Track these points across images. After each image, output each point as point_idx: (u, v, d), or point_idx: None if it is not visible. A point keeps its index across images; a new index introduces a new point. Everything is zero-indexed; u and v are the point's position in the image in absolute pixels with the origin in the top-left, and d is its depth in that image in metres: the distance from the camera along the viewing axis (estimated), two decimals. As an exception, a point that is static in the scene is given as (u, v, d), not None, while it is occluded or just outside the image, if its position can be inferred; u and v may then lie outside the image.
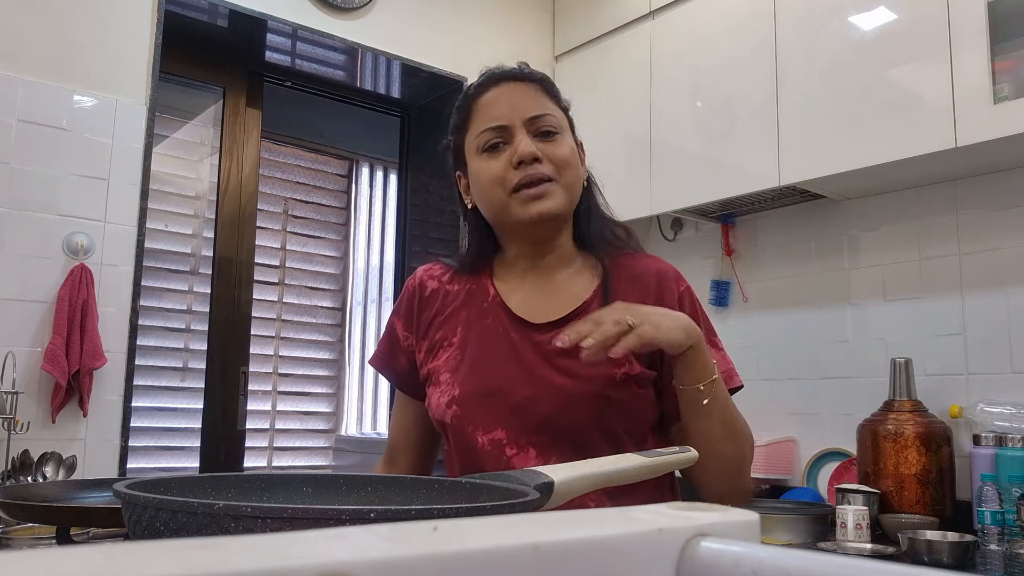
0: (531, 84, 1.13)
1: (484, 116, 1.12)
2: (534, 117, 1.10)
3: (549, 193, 1.08)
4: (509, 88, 1.12)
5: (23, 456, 1.89)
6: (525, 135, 1.09)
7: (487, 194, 1.11)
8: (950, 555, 1.70)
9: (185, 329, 2.96)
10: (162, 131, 2.80)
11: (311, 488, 0.67)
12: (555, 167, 1.09)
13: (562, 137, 1.12)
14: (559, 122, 1.13)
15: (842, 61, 2.16)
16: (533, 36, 3.08)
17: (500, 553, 0.27)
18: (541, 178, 1.07)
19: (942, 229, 2.24)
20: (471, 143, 1.13)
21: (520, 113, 1.10)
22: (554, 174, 1.08)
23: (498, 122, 1.10)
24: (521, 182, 1.07)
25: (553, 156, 1.09)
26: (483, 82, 1.14)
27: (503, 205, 1.10)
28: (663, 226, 2.91)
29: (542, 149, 1.09)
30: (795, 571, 0.28)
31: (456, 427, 1.08)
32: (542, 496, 0.62)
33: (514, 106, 1.10)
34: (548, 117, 1.11)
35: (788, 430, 2.48)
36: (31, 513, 0.81)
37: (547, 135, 1.10)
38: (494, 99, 1.12)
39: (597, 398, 1.04)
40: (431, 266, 1.24)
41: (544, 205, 1.08)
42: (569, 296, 1.13)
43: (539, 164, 1.08)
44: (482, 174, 1.11)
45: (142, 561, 0.22)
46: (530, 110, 1.10)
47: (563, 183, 1.09)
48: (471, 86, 1.16)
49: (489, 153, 1.10)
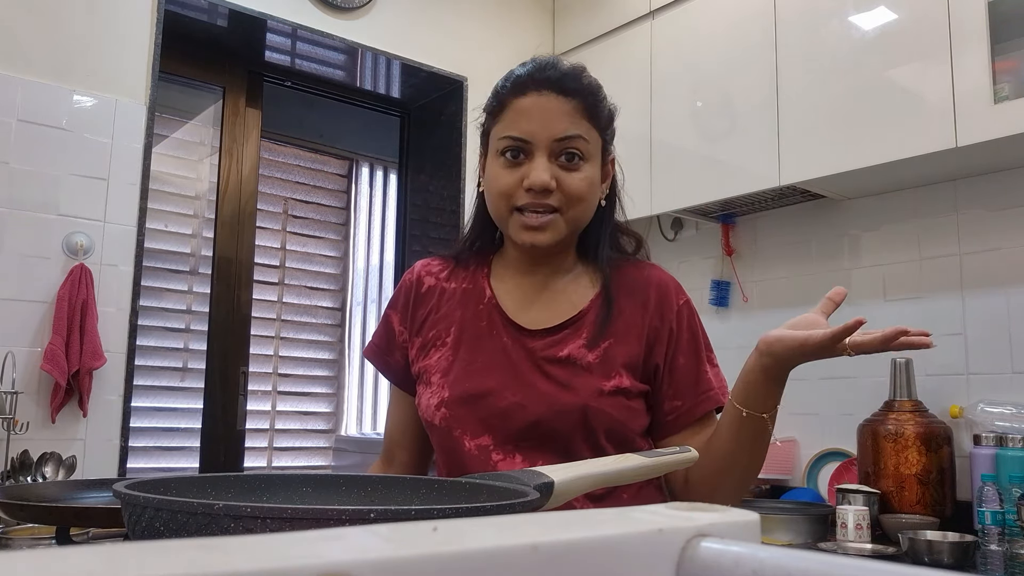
0: (572, 101, 1.06)
1: (513, 120, 1.07)
2: (562, 139, 1.05)
3: (549, 226, 1.05)
4: (547, 100, 1.06)
5: (23, 456, 1.89)
6: (545, 159, 1.05)
7: (493, 201, 1.10)
8: (950, 555, 1.70)
9: (185, 329, 2.96)
10: (162, 131, 2.80)
11: (311, 488, 0.67)
12: (565, 199, 1.06)
13: (584, 166, 1.07)
14: (588, 148, 1.07)
15: (842, 61, 2.16)
16: (533, 36, 3.08)
17: (500, 553, 0.27)
18: (545, 208, 1.05)
19: (942, 229, 2.24)
20: (495, 139, 1.10)
21: (549, 132, 1.05)
22: (561, 204, 1.06)
23: (523, 136, 1.05)
24: (526, 206, 1.06)
25: (567, 187, 1.05)
26: (525, 81, 1.08)
27: (503, 219, 1.09)
28: (663, 226, 2.91)
29: (558, 176, 1.05)
30: (795, 571, 0.28)
31: (444, 430, 1.08)
32: (542, 496, 0.62)
33: (544, 123, 1.05)
34: (578, 140, 1.06)
35: (788, 430, 2.48)
36: (31, 513, 0.81)
37: (570, 159, 1.06)
38: (528, 108, 1.06)
39: (584, 408, 1.03)
40: (429, 261, 1.23)
41: (539, 238, 1.06)
42: (566, 303, 1.12)
43: (548, 195, 1.05)
44: (493, 181, 1.09)
45: (142, 561, 0.22)
46: (560, 131, 1.05)
47: (568, 216, 1.07)
48: (515, 76, 1.10)
49: (506, 159, 1.07)
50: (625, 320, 1.10)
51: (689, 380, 1.09)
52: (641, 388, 1.08)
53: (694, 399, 1.08)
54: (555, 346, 1.08)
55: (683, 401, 1.09)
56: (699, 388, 1.08)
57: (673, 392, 1.09)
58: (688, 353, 1.10)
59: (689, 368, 1.09)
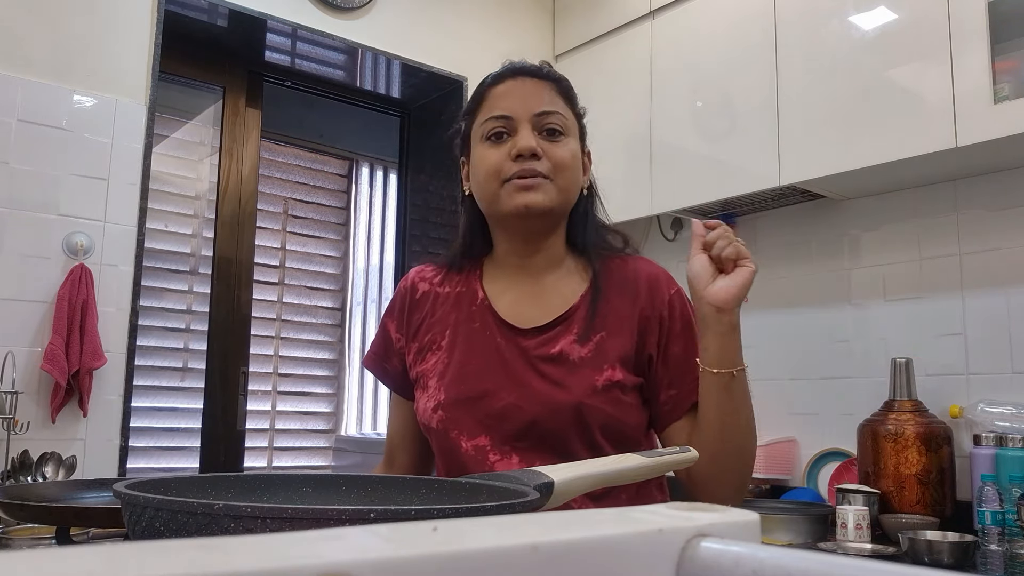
0: (547, 82, 1.13)
1: (493, 105, 1.12)
2: (541, 113, 1.10)
3: (539, 187, 1.07)
4: (523, 83, 1.12)
5: (23, 456, 1.89)
6: (529, 130, 1.09)
7: (482, 183, 1.11)
8: (950, 555, 1.70)
9: (185, 329, 2.96)
10: (162, 131, 2.80)
11: (311, 488, 0.67)
12: (553, 166, 1.08)
13: (566, 139, 1.11)
14: (567, 124, 1.12)
15: (842, 61, 2.16)
16: (533, 36, 3.08)
17: (500, 553, 0.27)
18: (535, 173, 1.07)
19: (942, 229, 2.24)
20: (477, 130, 1.13)
21: (528, 108, 1.10)
22: (550, 173, 1.08)
23: (505, 112, 1.10)
24: (516, 174, 1.07)
25: (553, 155, 1.09)
26: (501, 73, 1.15)
27: (495, 195, 1.10)
28: (663, 226, 2.91)
29: (544, 147, 1.08)
30: (795, 571, 0.28)
31: (441, 432, 1.09)
32: (542, 496, 0.62)
33: (524, 99, 1.10)
34: (556, 116, 1.11)
35: (788, 430, 2.48)
36: (31, 513, 0.81)
37: (552, 134, 1.10)
38: (506, 90, 1.12)
39: (578, 405, 1.04)
40: (423, 267, 1.24)
41: (532, 197, 1.07)
42: (557, 300, 1.13)
43: (536, 160, 1.07)
44: (481, 162, 1.11)
45: (142, 561, 0.22)
46: (539, 106, 1.10)
47: (557, 184, 1.09)
48: (490, 75, 1.16)
49: (491, 142, 1.10)
50: (616, 313, 1.10)
51: (684, 368, 1.08)
52: (635, 381, 1.08)
53: (690, 386, 1.07)
54: (547, 343, 1.09)
55: (678, 389, 1.09)
56: (694, 375, 1.07)
57: (668, 381, 1.09)
58: (681, 341, 1.10)
59: (683, 356, 1.09)
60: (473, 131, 1.15)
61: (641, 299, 1.11)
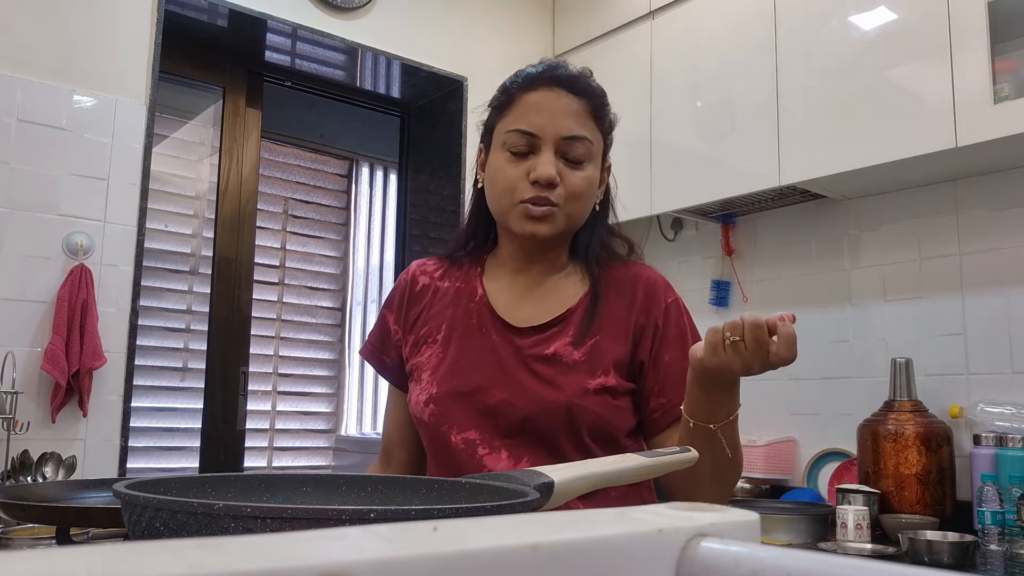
0: (581, 100, 1.10)
1: (522, 115, 1.09)
2: (568, 138, 1.08)
3: (550, 218, 1.08)
4: (557, 96, 1.08)
5: (23, 456, 1.89)
6: (551, 155, 1.07)
7: (496, 195, 1.11)
8: (950, 555, 1.70)
9: (185, 329, 2.96)
10: (162, 131, 2.80)
11: (311, 488, 0.67)
12: (566, 194, 1.08)
13: (586, 166, 1.09)
14: (591, 150, 1.10)
15: (842, 61, 2.16)
16: (533, 36, 3.08)
17: (500, 553, 0.27)
18: (547, 202, 1.07)
19: (942, 229, 2.24)
20: (501, 132, 1.12)
21: (556, 129, 1.07)
22: (561, 200, 1.08)
23: (531, 129, 1.08)
24: (530, 199, 1.07)
25: (569, 183, 1.08)
26: (537, 76, 1.10)
27: (505, 211, 1.10)
28: (663, 226, 2.91)
29: (562, 172, 1.07)
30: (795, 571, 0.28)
31: (432, 425, 1.09)
32: (542, 496, 0.62)
33: (553, 118, 1.07)
34: (583, 143, 1.08)
35: (788, 430, 2.48)
36: (31, 513, 0.81)
37: (574, 159, 1.09)
38: (538, 103, 1.09)
39: (568, 405, 1.04)
40: (425, 261, 1.25)
41: (539, 229, 1.08)
42: (556, 301, 1.13)
43: (552, 190, 1.07)
44: (498, 174, 1.10)
45: (142, 561, 0.22)
46: (567, 130, 1.08)
47: (566, 211, 1.09)
48: (525, 72, 1.12)
49: (512, 155, 1.09)
50: (612, 318, 1.11)
51: (675, 377, 1.08)
52: (627, 386, 1.08)
53: (680, 395, 1.06)
54: (542, 343, 1.09)
55: (668, 398, 1.08)
56: (684, 384, 1.07)
57: (659, 388, 1.09)
58: (674, 350, 1.10)
59: (675, 365, 1.09)
60: (496, 129, 1.13)
61: (637, 305, 1.12)
